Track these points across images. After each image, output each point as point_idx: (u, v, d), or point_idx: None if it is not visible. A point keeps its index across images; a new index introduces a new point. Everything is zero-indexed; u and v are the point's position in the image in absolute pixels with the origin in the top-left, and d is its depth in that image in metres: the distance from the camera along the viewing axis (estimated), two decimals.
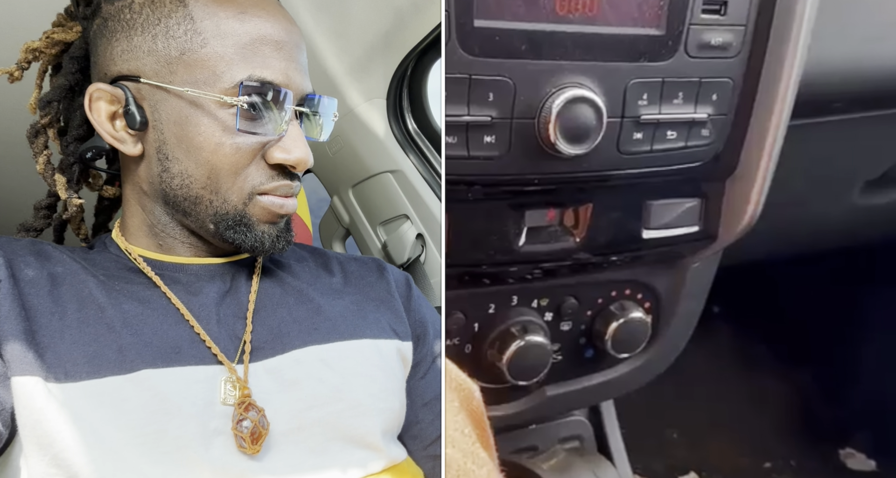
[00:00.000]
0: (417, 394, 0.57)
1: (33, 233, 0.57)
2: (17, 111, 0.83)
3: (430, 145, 0.94)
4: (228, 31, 0.47)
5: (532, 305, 0.69)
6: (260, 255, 0.51)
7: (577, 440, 0.86)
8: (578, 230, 0.64)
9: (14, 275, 0.46)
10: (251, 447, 0.44)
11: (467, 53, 0.51)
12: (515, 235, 0.62)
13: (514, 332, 0.67)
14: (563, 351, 0.73)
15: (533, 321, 0.68)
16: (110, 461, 0.41)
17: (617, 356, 0.73)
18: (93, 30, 0.52)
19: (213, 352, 0.47)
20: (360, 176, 1.00)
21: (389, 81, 0.90)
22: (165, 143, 0.49)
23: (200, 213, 0.49)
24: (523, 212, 0.62)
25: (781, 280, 1.47)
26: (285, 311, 0.52)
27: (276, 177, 0.50)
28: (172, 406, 0.44)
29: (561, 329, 0.72)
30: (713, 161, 0.63)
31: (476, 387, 0.41)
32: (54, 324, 0.44)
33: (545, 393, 0.74)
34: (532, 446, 0.83)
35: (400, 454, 0.53)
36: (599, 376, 0.77)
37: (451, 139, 0.53)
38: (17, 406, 0.42)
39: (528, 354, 0.66)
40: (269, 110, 0.48)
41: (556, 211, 0.64)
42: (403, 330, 0.58)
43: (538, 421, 0.83)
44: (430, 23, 0.79)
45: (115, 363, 0.44)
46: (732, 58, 0.60)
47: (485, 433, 0.40)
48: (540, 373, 0.68)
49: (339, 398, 0.49)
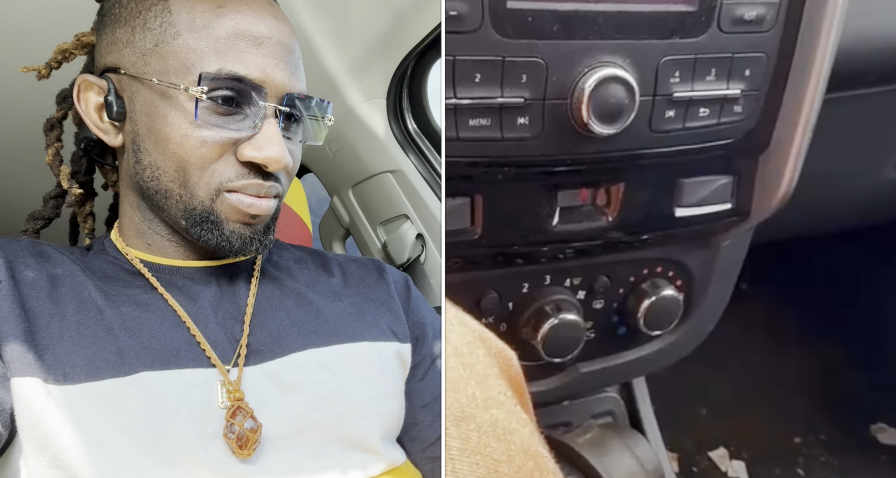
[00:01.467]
0: (416, 396, 0.57)
1: (42, 222, 0.57)
2: (18, 112, 0.85)
3: (430, 145, 0.94)
4: (203, 23, 0.47)
5: (565, 284, 0.70)
6: (228, 255, 0.50)
7: (610, 416, 0.87)
8: (611, 209, 0.64)
9: (14, 276, 0.46)
10: (240, 452, 0.44)
11: (500, 35, 0.52)
12: (548, 215, 0.62)
13: (548, 310, 0.67)
14: (595, 329, 0.74)
15: (566, 300, 0.69)
16: (109, 463, 0.41)
17: (649, 334, 0.74)
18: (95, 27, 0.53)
19: (209, 355, 0.47)
20: (360, 176, 1.00)
21: (389, 81, 0.91)
22: (138, 134, 0.49)
23: (171, 207, 0.49)
24: (556, 192, 0.62)
25: (811, 256, 1.46)
26: (284, 314, 0.52)
27: (247, 175, 0.48)
28: (171, 409, 0.44)
29: (594, 307, 0.73)
30: (746, 137, 0.63)
31: (514, 354, 0.42)
32: (54, 325, 0.44)
33: (578, 370, 0.75)
34: (566, 421, 0.84)
35: (399, 457, 0.53)
36: (631, 353, 0.78)
37: (485, 122, 0.54)
38: (17, 407, 0.42)
39: (562, 332, 0.67)
40: (243, 106, 0.47)
41: (588, 191, 0.64)
42: (402, 332, 0.58)
43: (571, 397, 0.85)
44: (430, 23, 0.79)
45: (113, 365, 0.44)
46: (766, 32, 0.59)
47: (524, 398, 0.41)
48: (574, 350, 0.69)
49: (338, 402, 0.49)
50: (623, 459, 0.75)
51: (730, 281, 0.78)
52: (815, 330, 1.48)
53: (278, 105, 0.48)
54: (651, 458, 0.77)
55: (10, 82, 0.80)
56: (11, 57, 0.74)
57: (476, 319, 0.67)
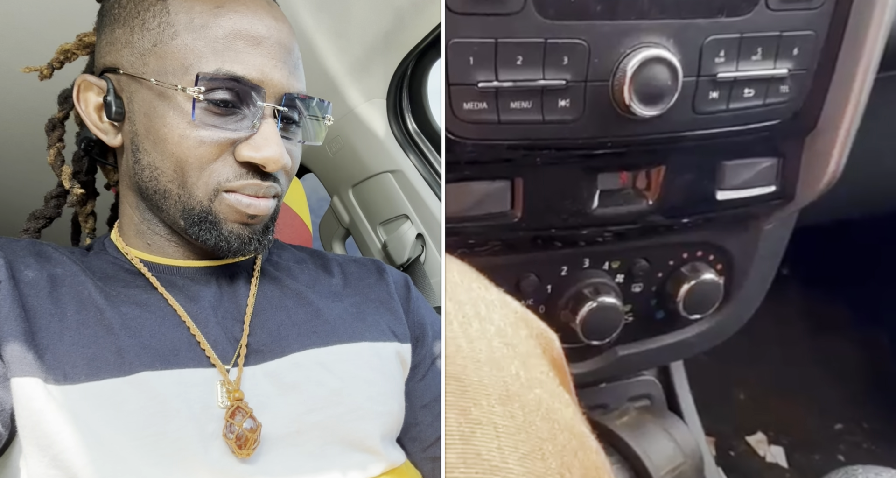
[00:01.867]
0: (416, 396, 0.57)
1: (43, 221, 0.57)
2: (18, 112, 0.87)
3: (430, 145, 0.94)
4: (201, 24, 0.47)
5: (604, 268, 0.70)
6: (227, 255, 0.50)
7: (647, 399, 0.87)
8: (651, 192, 0.64)
9: (14, 276, 0.46)
10: (239, 452, 0.44)
11: (542, 17, 0.51)
12: (588, 198, 0.62)
13: (586, 293, 0.68)
14: (634, 312, 0.74)
15: (605, 283, 0.69)
16: (110, 463, 0.41)
17: (688, 318, 0.73)
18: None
19: (209, 355, 0.47)
20: (360, 176, 1.00)
21: (389, 81, 0.90)
22: (137, 134, 0.49)
23: (170, 208, 0.49)
24: (596, 175, 0.62)
25: (856, 239, 1.43)
26: (284, 314, 0.52)
27: (245, 175, 0.48)
28: (171, 409, 0.43)
29: (632, 291, 0.72)
30: (792, 118, 0.62)
31: (556, 336, 0.42)
32: (54, 325, 0.44)
33: (616, 353, 0.75)
34: (602, 404, 0.85)
35: (399, 458, 0.53)
36: (670, 337, 0.78)
37: (526, 104, 0.54)
38: (17, 407, 0.41)
39: (601, 315, 0.67)
40: (241, 106, 0.47)
41: (628, 174, 0.64)
42: (402, 332, 0.58)
43: (608, 380, 0.85)
44: (430, 23, 0.78)
45: (113, 365, 0.44)
46: (816, 9, 0.57)
47: (566, 379, 0.41)
48: (612, 333, 0.69)
49: (338, 402, 0.49)
50: (661, 441, 0.76)
51: (772, 265, 0.77)
52: (858, 316, 1.44)
53: (277, 105, 0.48)
54: (689, 441, 0.77)
55: (11, 82, 0.80)
56: (11, 57, 0.74)
57: None
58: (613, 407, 0.83)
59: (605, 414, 0.80)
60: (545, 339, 0.41)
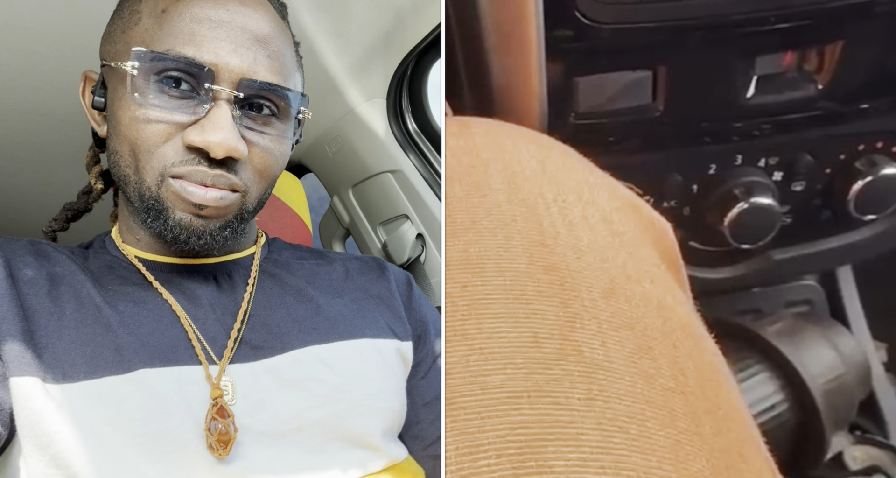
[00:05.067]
0: (418, 394, 0.56)
1: (72, 212, 0.59)
2: (18, 112, 0.89)
3: (430, 145, 0.93)
4: (163, 8, 0.46)
5: (759, 164, 0.63)
6: (176, 246, 0.48)
7: (807, 305, 0.80)
8: (822, 75, 0.56)
9: (13, 275, 0.46)
10: (220, 451, 0.43)
11: None
12: (743, 85, 0.56)
13: (737, 193, 0.62)
14: (793, 213, 0.67)
15: (759, 182, 0.63)
16: (109, 461, 0.41)
17: (860, 218, 0.65)
18: None
19: (207, 351, 0.47)
20: (360, 176, 1.00)
21: (389, 81, 0.90)
22: (109, 121, 0.49)
23: (131, 195, 0.48)
24: (753, 58, 0.55)
25: None
26: (284, 310, 0.52)
27: (192, 161, 0.45)
28: (170, 406, 0.43)
29: (792, 189, 0.65)
30: None
31: (669, 226, 0.38)
32: (52, 324, 0.44)
33: (771, 257, 0.69)
34: (755, 308, 0.79)
35: (400, 454, 0.53)
36: (836, 239, 0.70)
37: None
38: (16, 407, 0.41)
39: (753, 217, 0.61)
40: (196, 90, 0.45)
41: (794, 54, 0.55)
42: (403, 330, 0.57)
43: (762, 285, 0.79)
44: (430, 23, 0.78)
45: (112, 363, 0.44)
46: None
47: (680, 275, 0.37)
48: (766, 236, 0.63)
49: (338, 398, 0.49)
50: (821, 351, 0.70)
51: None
52: None
53: (233, 90, 0.46)
54: (854, 351, 0.71)
55: (11, 82, 0.82)
56: (11, 57, 0.76)
57: (657, 202, 0.63)
58: (767, 312, 0.78)
59: (758, 319, 0.75)
60: (657, 229, 0.37)
